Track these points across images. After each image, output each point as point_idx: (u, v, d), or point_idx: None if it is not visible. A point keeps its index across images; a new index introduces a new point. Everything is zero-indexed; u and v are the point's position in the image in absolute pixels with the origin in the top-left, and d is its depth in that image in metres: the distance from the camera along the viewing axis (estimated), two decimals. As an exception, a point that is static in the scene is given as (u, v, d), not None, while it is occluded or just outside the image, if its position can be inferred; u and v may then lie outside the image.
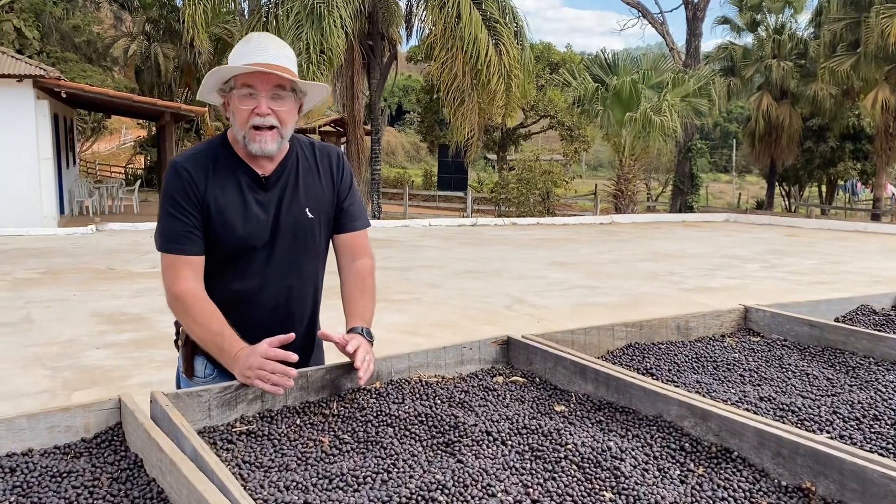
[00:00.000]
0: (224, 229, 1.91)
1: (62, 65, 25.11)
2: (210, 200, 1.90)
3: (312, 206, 2.01)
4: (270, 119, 1.86)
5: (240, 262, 1.96)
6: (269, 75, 1.85)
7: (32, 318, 7.23)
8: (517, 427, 1.56)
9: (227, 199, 1.92)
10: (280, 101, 1.88)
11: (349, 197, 2.10)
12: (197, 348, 2.01)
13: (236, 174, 1.94)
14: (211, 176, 1.92)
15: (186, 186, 1.89)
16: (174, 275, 1.90)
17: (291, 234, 1.98)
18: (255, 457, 1.43)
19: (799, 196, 31.57)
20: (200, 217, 1.90)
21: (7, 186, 14.71)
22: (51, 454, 1.44)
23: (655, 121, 19.54)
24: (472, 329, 7.04)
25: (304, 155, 2.05)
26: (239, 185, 1.94)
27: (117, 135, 43.95)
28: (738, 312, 2.51)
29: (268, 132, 1.87)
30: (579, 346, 2.11)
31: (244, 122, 1.87)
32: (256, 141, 1.87)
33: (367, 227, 2.15)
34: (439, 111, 26.63)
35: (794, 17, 27.31)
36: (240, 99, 1.87)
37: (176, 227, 1.89)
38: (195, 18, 16.38)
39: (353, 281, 2.04)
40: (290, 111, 1.92)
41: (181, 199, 1.89)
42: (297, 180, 2.00)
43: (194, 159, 1.94)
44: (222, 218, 1.91)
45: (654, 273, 10.77)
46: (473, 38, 16.86)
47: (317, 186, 2.03)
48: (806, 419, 1.63)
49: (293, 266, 2.01)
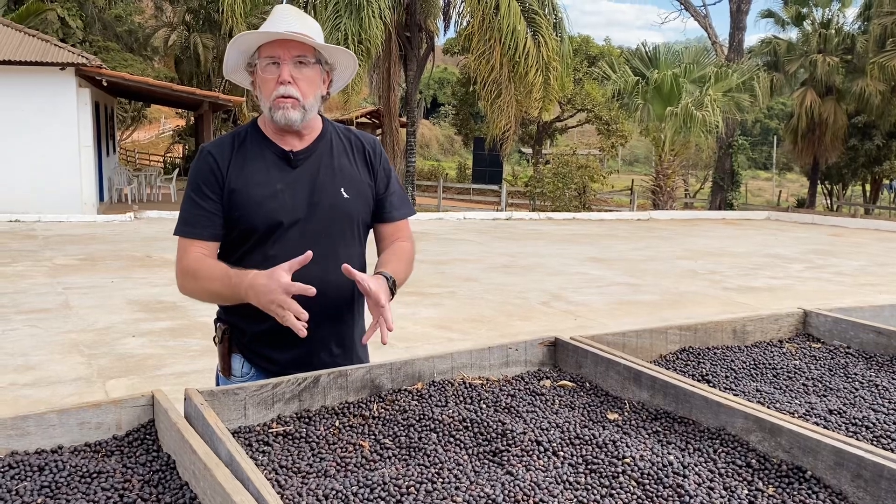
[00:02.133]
0: (247, 205, 1.86)
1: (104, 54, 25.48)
2: (232, 178, 1.87)
3: (348, 186, 1.94)
4: (291, 89, 1.82)
5: (269, 241, 1.88)
6: (289, 41, 1.81)
7: (71, 305, 7.30)
8: (569, 436, 1.46)
9: (250, 174, 1.87)
10: (302, 69, 1.83)
11: (389, 185, 2.03)
12: (234, 346, 1.95)
13: (262, 151, 1.91)
14: (234, 155, 1.89)
15: (208, 170, 1.87)
16: (181, 255, 1.88)
17: (326, 215, 1.91)
18: (292, 461, 1.35)
19: (842, 195, 30.84)
20: (221, 201, 1.87)
21: (49, 173, 14.95)
22: (81, 452, 1.39)
23: (697, 116, 19.17)
24: (508, 325, 6.94)
25: (339, 137, 2.00)
26: (263, 161, 1.89)
27: (156, 124, 44.55)
28: (796, 317, 2.37)
29: (289, 101, 1.83)
30: (630, 350, 2.01)
31: (269, 92, 1.84)
32: (280, 108, 1.83)
33: (410, 216, 2.08)
34: (475, 104, 26.50)
35: (842, 11, 26.57)
36: (263, 69, 1.84)
37: (193, 211, 1.88)
38: (234, 8, 16.44)
39: (390, 250, 1.99)
40: (312, 81, 1.86)
41: (202, 183, 1.87)
42: (332, 160, 1.94)
43: (220, 142, 1.92)
44: (244, 193, 1.86)
45: (694, 271, 10.55)
46: (511, 30, 16.68)
47: (352, 169, 1.97)
48: (882, 436, 1.51)
49: (329, 248, 1.92)
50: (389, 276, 1.82)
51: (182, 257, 1.88)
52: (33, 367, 5.29)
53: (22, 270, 9.11)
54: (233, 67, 1.94)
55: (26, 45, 15.16)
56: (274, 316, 1.66)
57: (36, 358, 5.52)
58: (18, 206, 14.50)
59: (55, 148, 15.03)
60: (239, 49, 1.88)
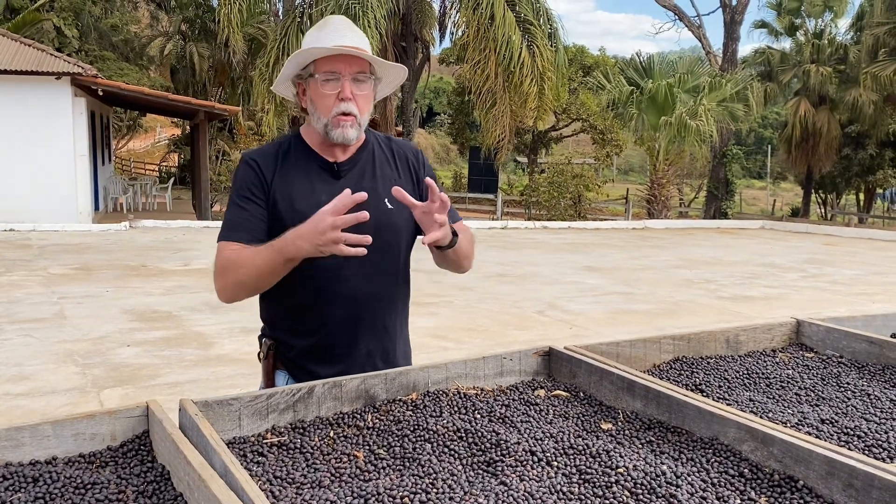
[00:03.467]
0: (292, 217, 1.81)
1: (100, 63, 25.49)
2: (277, 189, 1.84)
3: (392, 196, 1.90)
4: (352, 106, 1.79)
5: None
6: (353, 58, 1.78)
7: (65, 314, 7.29)
8: (563, 446, 1.46)
9: (294, 186, 1.85)
10: (360, 86, 1.81)
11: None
12: (279, 362, 1.92)
13: (306, 163, 1.88)
14: (279, 165, 1.86)
15: (253, 175, 1.84)
16: (219, 255, 1.83)
17: (370, 226, 1.84)
18: (286, 472, 1.36)
19: (836, 204, 30.96)
20: (266, 207, 1.83)
21: (44, 182, 14.93)
22: (75, 463, 1.39)
23: (691, 125, 19.26)
24: (503, 335, 6.95)
25: (380, 147, 1.98)
26: (308, 173, 1.87)
27: (152, 133, 44.54)
28: (789, 326, 2.39)
29: (348, 118, 1.80)
30: (624, 359, 2.01)
31: (328, 108, 1.80)
32: (339, 126, 1.80)
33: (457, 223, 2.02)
34: (470, 113, 26.58)
35: (834, 22, 26.79)
36: (322, 84, 1.80)
37: (237, 216, 1.84)
38: (230, 18, 16.50)
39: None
40: (368, 98, 1.84)
41: (246, 189, 1.84)
42: (374, 170, 1.92)
43: (263, 151, 1.90)
44: (289, 206, 1.83)
45: (689, 280, 10.57)
46: (507, 40, 16.75)
47: (395, 178, 1.94)
48: (874, 445, 1.52)
49: (374, 261, 1.87)
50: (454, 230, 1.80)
51: (219, 258, 1.82)
52: (27, 377, 5.28)
53: (17, 280, 9.09)
54: (283, 82, 1.90)
55: (22, 54, 15.17)
56: (331, 252, 1.61)
57: (30, 368, 5.50)
58: (13, 215, 14.47)
59: (51, 157, 15.03)
60: (298, 60, 1.84)
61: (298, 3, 18.25)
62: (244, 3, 16.86)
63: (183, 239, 13.87)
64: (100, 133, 19.11)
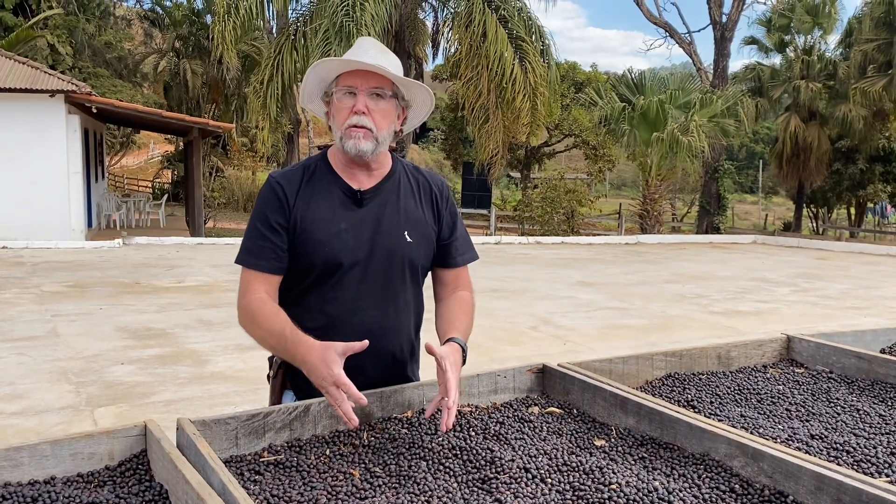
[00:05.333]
0: (309, 243, 1.84)
1: (94, 80, 25.52)
2: (298, 213, 1.84)
3: (412, 229, 1.91)
4: (365, 119, 1.80)
5: (329, 281, 1.85)
6: (371, 73, 1.80)
7: (59, 332, 7.27)
8: (556, 463, 1.48)
9: (315, 211, 1.85)
10: (378, 101, 1.82)
11: (456, 230, 2.01)
12: (287, 382, 1.93)
13: (330, 187, 1.88)
14: (302, 188, 1.87)
15: (276, 200, 1.85)
16: (245, 288, 1.84)
17: (388, 257, 1.88)
18: (283, 490, 1.37)
19: (827, 218, 31.14)
20: (286, 233, 1.84)
21: (37, 199, 14.91)
22: (73, 482, 1.40)
23: (683, 141, 19.39)
24: (497, 350, 6.96)
25: (408, 177, 1.98)
26: (330, 199, 1.87)
27: (145, 149, 44.53)
28: (780, 342, 2.41)
29: (362, 131, 1.81)
30: (617, 376, 2.04)
31: (342, 121, 1.82)
32: (352, 138, 1.81)
33: (473, 261, 2.06)
34: (463, 129, 26.68)
35: (824, 38, 27.03)
36: (339, 99, 1.83)
37: (256, 241, 1.85)
38: (224, 35, 16.56)
39: (454, 302, 1.97)
40: (387, 114, 1.85)
41: (268, 213, 1.85)
42: (398, 201, 1.92)
43: (289, 174, 1.90)
44: (308, 231, 1.84)
45: (681, 295, 10.61)
46: (499, 56, 16.86)
47: (417, 211, 1.94)
48: (862, 460, 1.54)
49: (389, 292, 1.89)
50: (464, 346, 1.79)
51: (244, 292, 1.83)
52: (21, 396, 5.26)
53: (9, 297, 9.06)
54: (309, 95, 1.92)
55: (16, 72, 15.20)
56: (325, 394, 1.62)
57: (23, 386, 5.48)
58: (6, 232, 14.44)
59: (44, 174, 15.01)
60: (318, 75, 1.87)
61: (292, 20, 18.35)
62: (238, 21, 16.94)
63: (177, 256, 13.85)
64: (93, 150, 19.11)
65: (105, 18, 31.96)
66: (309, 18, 17.42)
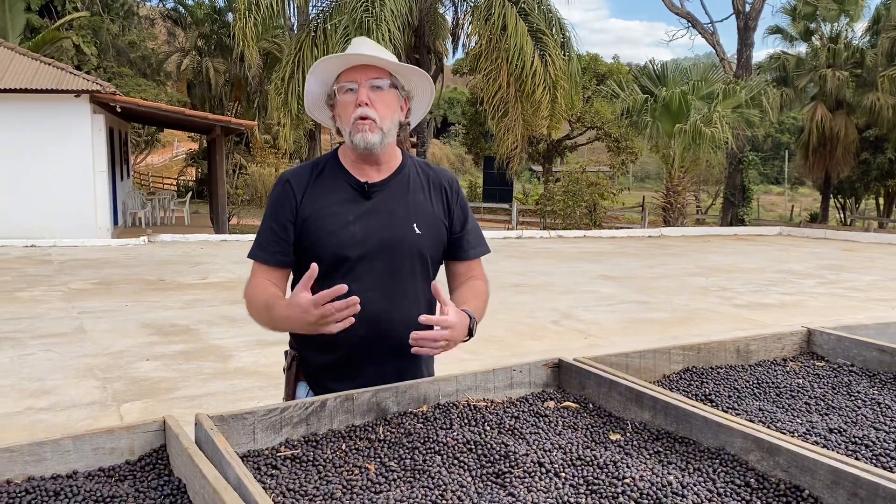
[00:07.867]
0: (317, 235, 1.87)
1: (118, 80, 25.84)
2: (306, 206, 1.89)
3: (421, 221, 1.93)
4: (369, 110, 1.82)
5: (337, 274, 1.87)
6: (368, 66, 1.83)
7: (85, 329, 7.38)
8: (571, 457, 1.48)
9: (323, 204, 1.89)
10: (379, 93, 1.85)
11: (467, 223, 2.03)
12: (301, 374, 1.98)
13: (338, 181, 1.92)
14: (311, 183, 1.91)
15: (285, 197, 1.90)
16: (249, 279, 1.93)
17: (396, 249, 1.90)
18: (299, 484, 1.39)
19: (855, 209, 30.67)
20: (294, 228, 1.89)
21: (64, 199, 15.14)
22: (95, 477, 1.42)
23: (706, 132, 19.20)
24: (518, 345, 6.95)
25: (417, 172, 2.00)
26: (338, 192, 1.90)
27: (170, 147, 44.99)
28: (800, 335, 2.39)
29: (367, 122, 1.83)
30: (634, 371, 2.03)
31: (349, 117, 1.85)
32: (359, 131, 1.83)
33: (485, 254, 2.07)
34: (484, 123, 26.63)
35: (850, 26, 26.60)
36: (342, 96, 1.86)
37: (266, 235, 1.92)
38: (245, 33, 16.66)
39: (466, 288, 2.00)
40: (389, 104, 1.87)
41: (277, 209, 1.91)
42: (407, 194, 1.94)
43: (299, 170, 1.95)
44: (316, 223, 1.88)
45: (705, 288, 10.53)
46: (518, 49, 16.81)
47: (426, 205, 1.96)
48: (881, 454, 1.52)
49: (398, 283, 1.91)
50: (473, 317, 1.82)
51: (247, 283, 1.94)
52: (49, 392, 5.35)
53: (38, 295, 9.22)
54: (313, 102, 1.95)
55: (42, 73, 15.42)
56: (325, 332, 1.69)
57: (52, 382, 5.58)
58: (34, 231, 14.69)
59: (70, 174, 15.24)
60: (317, 79, 1.89)
61: (313, 17, 18.43)
62: (259, 18, 17.04)
63: (201, 253, 13.99)
64: (118, 148, 19.35)
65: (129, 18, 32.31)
66: (329, 15, 17.48)
